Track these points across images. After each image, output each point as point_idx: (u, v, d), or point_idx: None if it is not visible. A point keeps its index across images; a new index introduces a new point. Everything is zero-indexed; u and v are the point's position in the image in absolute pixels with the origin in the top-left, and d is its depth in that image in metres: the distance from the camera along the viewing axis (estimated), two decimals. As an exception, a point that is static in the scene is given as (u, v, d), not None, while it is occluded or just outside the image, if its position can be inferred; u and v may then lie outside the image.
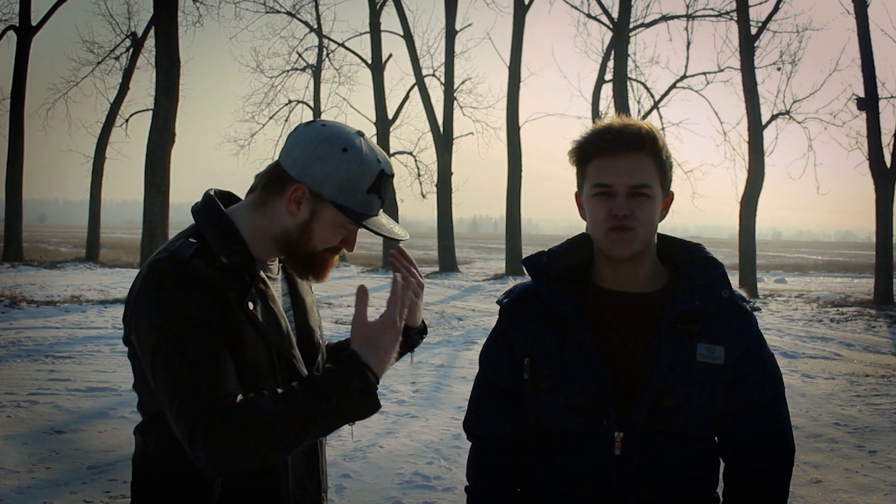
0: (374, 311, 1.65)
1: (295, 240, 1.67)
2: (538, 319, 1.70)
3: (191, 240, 1.60)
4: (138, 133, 25.16)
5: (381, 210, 1.72)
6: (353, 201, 1.63)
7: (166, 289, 1.53)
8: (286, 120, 28.82)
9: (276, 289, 1.72)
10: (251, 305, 1.59)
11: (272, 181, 1.66)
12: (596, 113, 23.32)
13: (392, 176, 1.69)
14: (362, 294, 1.61)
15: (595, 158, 1.64)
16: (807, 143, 20.38)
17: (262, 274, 1.67)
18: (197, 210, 1.68)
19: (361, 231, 1.76)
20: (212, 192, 1.72)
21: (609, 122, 1.66)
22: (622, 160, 1.61)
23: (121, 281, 18.04)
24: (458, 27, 24.57)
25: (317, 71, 28.10)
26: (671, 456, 1.62)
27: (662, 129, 20.89)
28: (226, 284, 1.57)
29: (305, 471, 1.72)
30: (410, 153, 27.45)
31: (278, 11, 26.77)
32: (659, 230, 1.71)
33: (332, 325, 11.90)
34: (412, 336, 1.87)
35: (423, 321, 1.89)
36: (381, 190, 1.65)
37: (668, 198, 1.69)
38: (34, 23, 23.64)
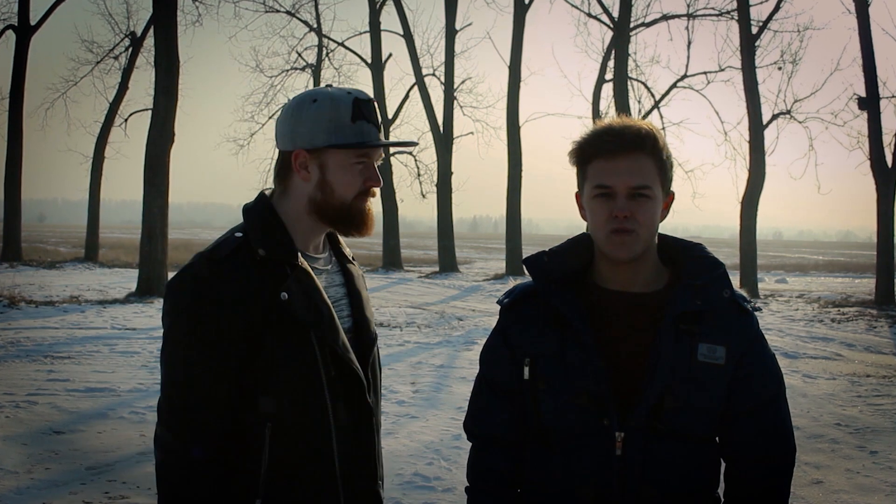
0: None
1: (321, 200, 1.72)
2: (539, 319, 1.70)
3: (237, 234, 1.69)
4: (137, 133, 25.07)
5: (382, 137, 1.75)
6: (347, 135, 1.69)
7: (191, 295, 1.63)
8: (286, 120, 28.66)
9: (323, 279, 1.76)
10: (285, 296, 1.63)
11: (280, 167, 1.75)
12: (596, 112, 23.27)
13: (369, 100, 1.73)
14: None
15: (595, 159, 1.64)
16: (808, 142, 20.36)
17: (306, 264, 1.71)
18: (247, 207, 1.77)
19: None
20: (266, 192, 1.80)
21: (609, 123, 1.66)
22: (622, 161, 1.61)
23: (120, 281, 17.96)
24: (458, 26, 24.49)
25: (316, 70, 28.01)
26: (672, 456, 1.62)
27: (663, 128, 20.79)
28: (259, 281, 1.64)
29: (358, 454, 1.74)
30: (410, 153, 27.41)
31: (278, 11, 26.69)
32: (660, 230, 1.70)
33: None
34: None
35: None
36: (365, 114, 1.70)
37: (669, 198, 1.69)
38: (33, 22, 23.56)
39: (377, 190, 1.76)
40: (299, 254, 1.71)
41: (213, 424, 1.63)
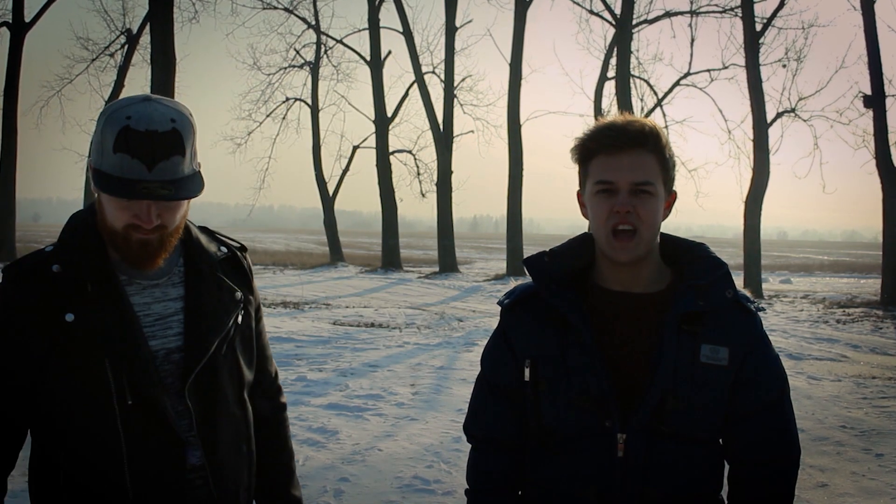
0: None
1: (99, 221, 1.59)
2: (540, 320, 1.69)
3: (48, 247, 1.60)
4: (135, 131, 24.77)
5: (166, 182, 1.51)
6: (107, 164, 1.49)
7: None
8: (283, 118, 28.63)
9: (149, 294, 1.62)
10: (71, 317, 1.52)
11: None
12: (598, 111, 23.18)
13: (147, 132, 1.48)
14: None
15: (597, 156, 1.64)
16: (812, 141, 20.36)
17: (118, 280, 1.58)
18: (73, 214, 1.66)
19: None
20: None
21: (612, 120, 1.66)
22: (624, 157, 1.60)
23: (116, 280, 17.79)
24: (458, 23, 24.36)
25: (315, 68, 27.90)
26: (675, 458, 1.61)
27: (666, 127, 20.71)
28: (49, 301, 1.52)
29: (165, 492, 1.60)
30: (410, 151, 27.27)
31: (276, 7, 26.58)
32: (662, 230, 1.70)
33: (329, 325, 11.75)
34: None
35: None
36: (130, 147, 1.47)
37: (672, 196, 1.69)
38: (27, 19, 23.32)
39: (159, 227, 1.55)
40: (112, 268, 1.58)
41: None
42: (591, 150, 1.65)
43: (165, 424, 1.58)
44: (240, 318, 1.71)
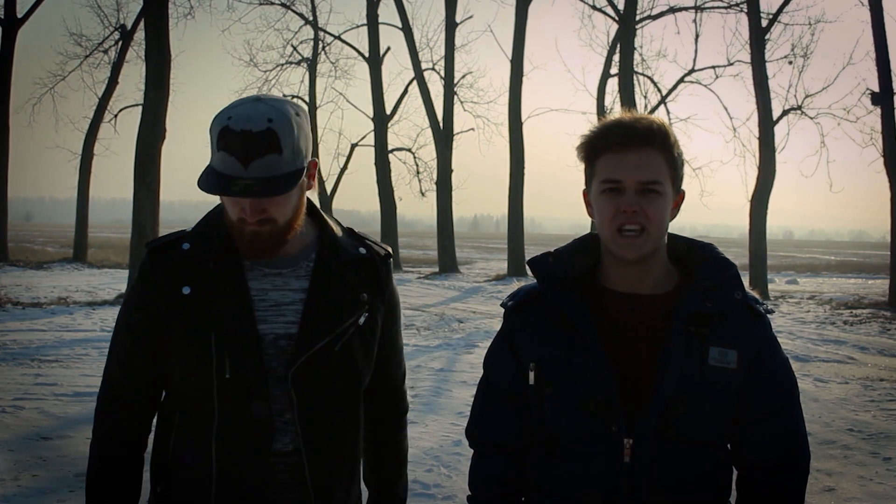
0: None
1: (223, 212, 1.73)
2: (544, 322, 1.67)
3: (187, 230, 1.78)
4: (127, 129, 24.49)
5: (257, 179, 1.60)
6: (214, 160, 1.62)
7: (131, 286, 1.80)
8: (281, 116, 28.33)
9: (269, 281, 1.73)
10: (187, 290, 1.68)
11: None
12: (601, 108, 23.18)
13: (241, 131, 1.58)
14: None
15: (604, 154, 1.61)
16: (819, 139, 20.29)
17: (241, 264, 1.71)
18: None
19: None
20: None
21: (619, 117, 1.65)
22: (632, 155, 1.58)
23: (109, 282, 17.80)
24: (458, 19, 24.30)
25: (312, 65, 27.72)
26: (682, 463, 1.59)
27: (670, 124, 20.57)
28: (175, 275, 1.70)
29: (248, 463, 1.69)
30: (409, 150, 27.12)
31: (272, 3, 26.41)
32: (668, 230, 1.67)
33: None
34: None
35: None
36: (229, 147, 1.58)
37: (679, 197, 1.66)
38: (20, 14, 23.24)
39: (268, 220, 1.65)
40: (236, 253, 1.71)
41: (119, 400, 1.76)
42: (597, 148, 1.62)
43: (257, 403, 1.68)
44: (361, 320, 1.77)
